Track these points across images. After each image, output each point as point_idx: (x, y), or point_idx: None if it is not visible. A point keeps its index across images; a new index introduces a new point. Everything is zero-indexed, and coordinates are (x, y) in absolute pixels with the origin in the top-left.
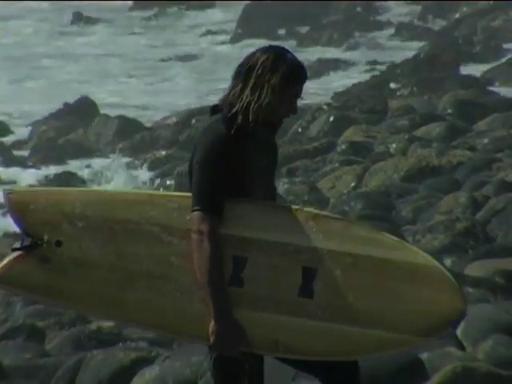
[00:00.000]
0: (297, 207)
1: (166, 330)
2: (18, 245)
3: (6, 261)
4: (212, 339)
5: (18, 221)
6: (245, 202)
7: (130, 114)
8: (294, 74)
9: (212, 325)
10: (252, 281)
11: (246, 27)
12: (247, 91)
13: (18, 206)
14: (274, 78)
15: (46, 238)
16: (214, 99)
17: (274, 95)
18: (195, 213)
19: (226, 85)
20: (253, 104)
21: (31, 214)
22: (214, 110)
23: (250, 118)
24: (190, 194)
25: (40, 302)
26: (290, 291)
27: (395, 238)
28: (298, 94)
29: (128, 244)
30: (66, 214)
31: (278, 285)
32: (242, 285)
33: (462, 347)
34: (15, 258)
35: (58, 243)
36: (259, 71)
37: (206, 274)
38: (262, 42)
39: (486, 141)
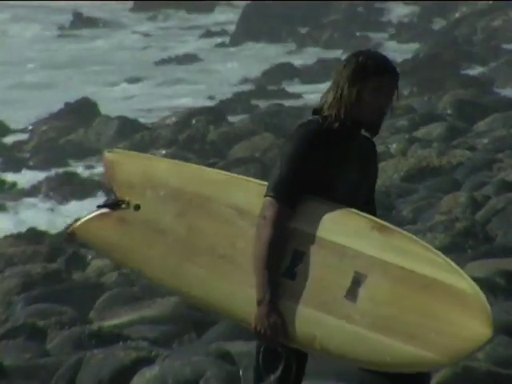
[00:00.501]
0: (366, 215)
1: (216, 309)
2: (102, 202)
3: (88, 216)
4: (253, 324)
5: (108, 179)
6: (319, 201)
7: (130, 114)
8: (366, 65)
9: (256, 310)
10: (304, 276)
11: (246, 28)
12: (332, 90)
13: (111, 165)
14: (348, 71)
15: (127, 199)
16: (213, 99)
17: (350, 89)
18: (266, 198)
19: (225, 85)
20: (334, 100)
21: (120, 175)
22: (315, 110)
23: (334, 117)
24: None
25: (109, 260)
26: (337, 292)
27: (447, 260)
28: (377, 87)
29: (200, 219)
30: (151, 181)
31: (328, 284)
32: (294, 278)
33: None
34: (97, 215)
35: (137, 207)
36: (342, 69)
37: (260, 259)
38: (261, 43)
39: (486, 141)
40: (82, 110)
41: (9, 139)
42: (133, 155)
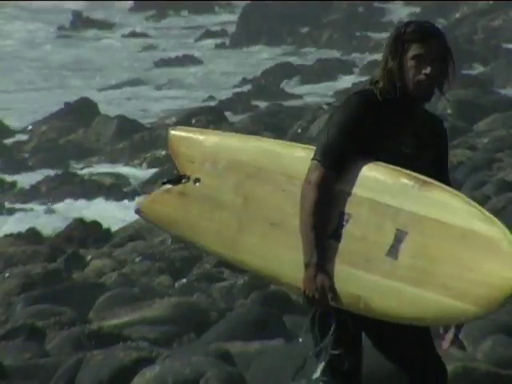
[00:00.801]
0: (409, 172)
1: (268, 276)
2: (166, 179)
3: (153, 193)
4: (302, 288)
5: (172, 155)
6: (362, 160)
7: (130, 115)
8: (404, 33)
9: (304, 274)
10: (349, 236)
11: (246, 28)
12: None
13: (175, 142)
14: (389, 42)
15: (188, 174)
16: (213, 99)
17: (392, 60)
18: (312, 162)
19: (225, 85)
20: (381, 72)
21: (183, 150)
22: (371, 82)
23: (382, 88)
24: None
25: (171, 235)
26: (379, 250)
27: (483, 210)
28: (416, 54)
29: (255, 189)
30: (209, 154)
31: (371, 243)
32: (340, 240)
33: (462, 347)
34: (160, 192)
35: (197, 180)
36: (387, 42)
37: (306, 222)
38: (261, 42)
39: (486, 140)
40: (82, 110)
41: (9, 140)
42: (193, 131)
